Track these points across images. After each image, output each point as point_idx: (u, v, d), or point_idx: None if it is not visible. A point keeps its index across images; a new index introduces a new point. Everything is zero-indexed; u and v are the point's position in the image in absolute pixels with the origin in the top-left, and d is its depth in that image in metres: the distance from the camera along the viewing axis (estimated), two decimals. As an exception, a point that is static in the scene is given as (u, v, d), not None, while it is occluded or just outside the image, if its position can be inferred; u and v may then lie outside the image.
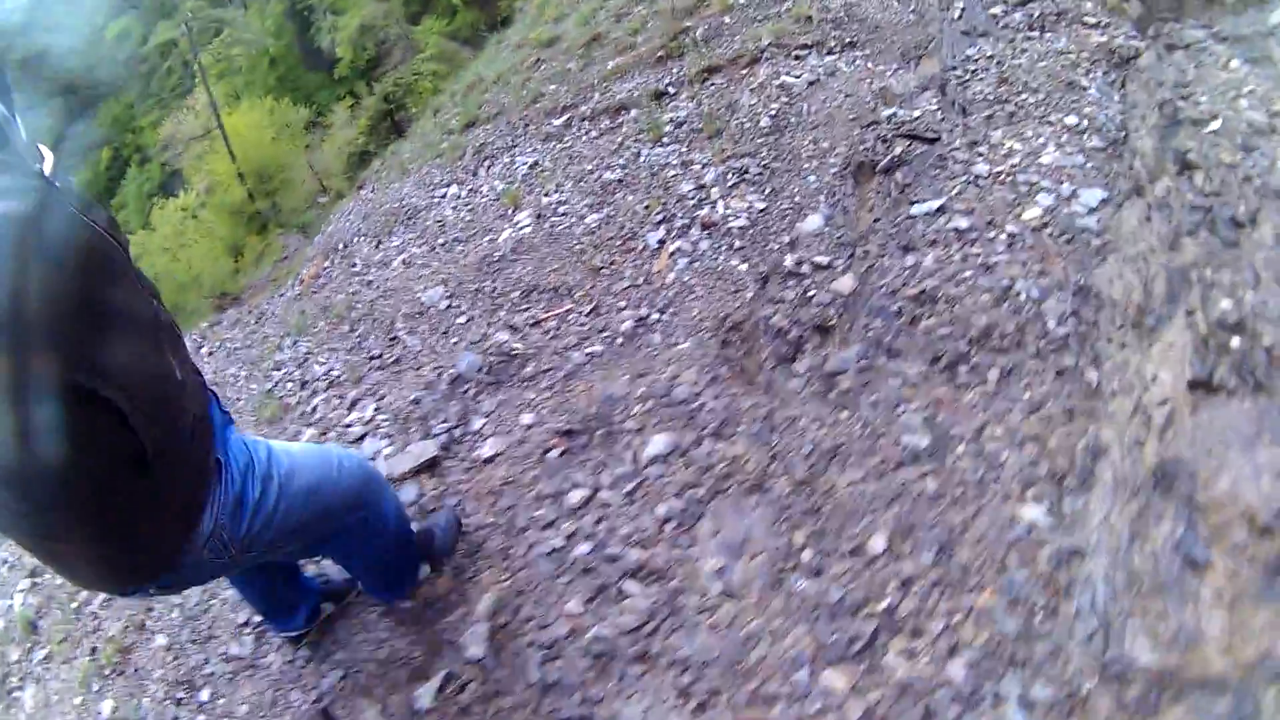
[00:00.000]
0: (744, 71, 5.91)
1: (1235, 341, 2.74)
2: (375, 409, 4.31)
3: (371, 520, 2.66)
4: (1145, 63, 4.96)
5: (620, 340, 4.18)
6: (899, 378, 3.51)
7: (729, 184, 5.00)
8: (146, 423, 1.56)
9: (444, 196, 6.07)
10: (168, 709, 3.36)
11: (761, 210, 4.75)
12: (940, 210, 4.22)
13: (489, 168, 6.13)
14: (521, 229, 5.25)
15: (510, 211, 5.48)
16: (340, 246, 6.14)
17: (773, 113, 5.37)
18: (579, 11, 8.16)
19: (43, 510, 1.57)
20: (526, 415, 3.97)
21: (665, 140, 5.56)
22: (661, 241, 4.75)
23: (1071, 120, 4.61)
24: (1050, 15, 5.42)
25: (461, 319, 4.71)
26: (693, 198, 4.97)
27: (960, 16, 5.66)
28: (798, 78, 5.62)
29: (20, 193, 1.37)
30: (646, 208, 4.97)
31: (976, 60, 5.26)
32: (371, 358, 4.72)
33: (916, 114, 4.98)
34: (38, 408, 1.33)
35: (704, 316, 4.17)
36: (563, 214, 5.27)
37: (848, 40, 5.89)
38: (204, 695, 3.33)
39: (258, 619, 3.37)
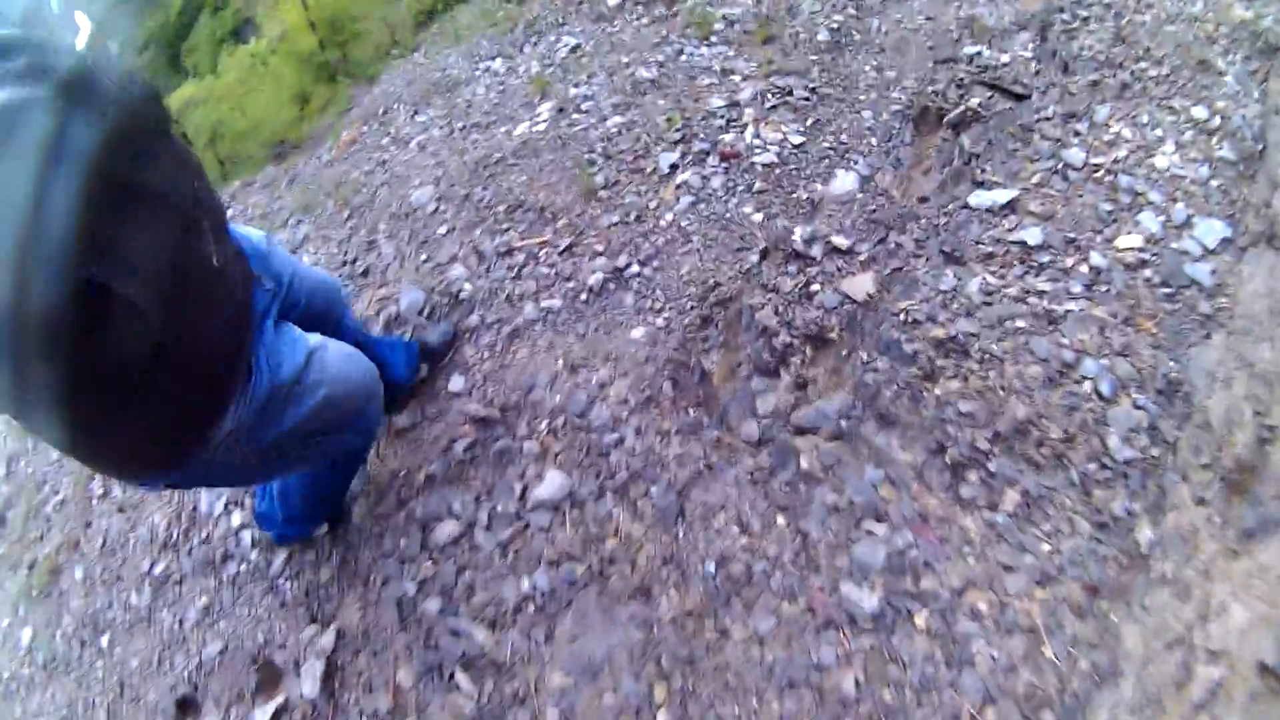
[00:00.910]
0: None
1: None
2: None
3: (362, 444, 2.19)
4: None
5: (584, 297, 2.86)
6: (881, 465, 2.20)
7: (766, 106, 3.48)
8: (167, 320, 1.23)
9: (486, 71, 4.56)
10: (74, 648, 2.75)
11: (797, 146, 3.27)
12: (1009, 207, 2.72)
13: (534, 44, 4.59)
14: (538, 124, 3.80)
15: (536, 100, 4.01)
16: (380, 112, 4.69)
17: (835, 25, 3.74)
18: None
19: (50, 394, 1.18)
20: (457, 379, 2.76)
21: (713, 39, 3.97)
22: (674, 166, 3.31)
23: (1199, 113, 3.00)
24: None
25: (442, 229, 3.38)
26: (721, 116, 3.47)
27: None
28: None
29: (35, 77, 1.06)
30: (669, 120, 3.50)
31: (1091, 4, 3.54)
32: (345, 262, 3.47)
33: (1005, 59, 3.35)
34: (48, 300, 1.04)
35: (691, 279, 2.83)
36: (585, 110, 3.80)
37: None
38: (104, 641, 2.71)
39: (161, 567, 2.78)
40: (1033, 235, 2.56)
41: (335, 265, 3.49)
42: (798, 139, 3.30)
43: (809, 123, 3.37)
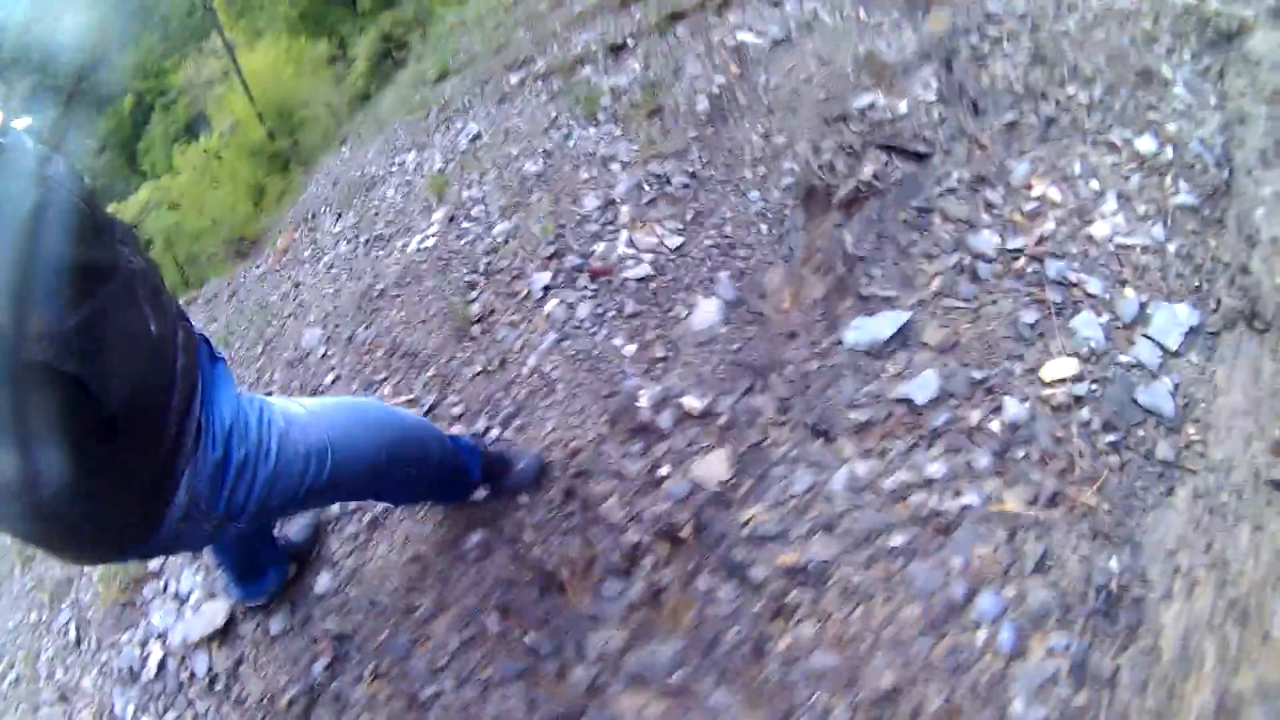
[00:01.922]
0: (713, 19, 3.14)
1: None
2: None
3: (406, 473, 1.54)
4: (1259, 45, 2.16)
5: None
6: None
7: (643, 201, 2.50)
8: (109, 390, 0.95)
9: (399, 167, 3.65)
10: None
11: (675, 250, 2.31)
12: (898, 338, 1.72)
13: (444, 131, 3.65)
14: (428, 238, 2.92)
15: (433, 204, 3.12)
16: (310, 216, 3.85)
17: (716, 90, 2.69)
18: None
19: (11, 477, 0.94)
20: (324, 577, 1.97)
21: (600, 117, 2.97)
22: (546, 289, 2.39)
23: (1145, 145, 1.94)
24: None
25: (329, 378, 2.55)
26: (595, 220, 2.51)
27: None
28: (760, 35, 2.85)
29: None
30: (543, 229, 2.58)
31: (1003, 19, 2.40)
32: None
33: (903, 108, 2.26)
34: None
35: (556, 440, 1.95)
36: (474, 217, 2.88)
37: None
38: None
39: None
40: (924, 386, 1.57)
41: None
42: (675, 240, 2.33)
43: (689, 217, 2.39)
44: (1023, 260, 1.75)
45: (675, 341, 2.04)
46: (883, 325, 1.70)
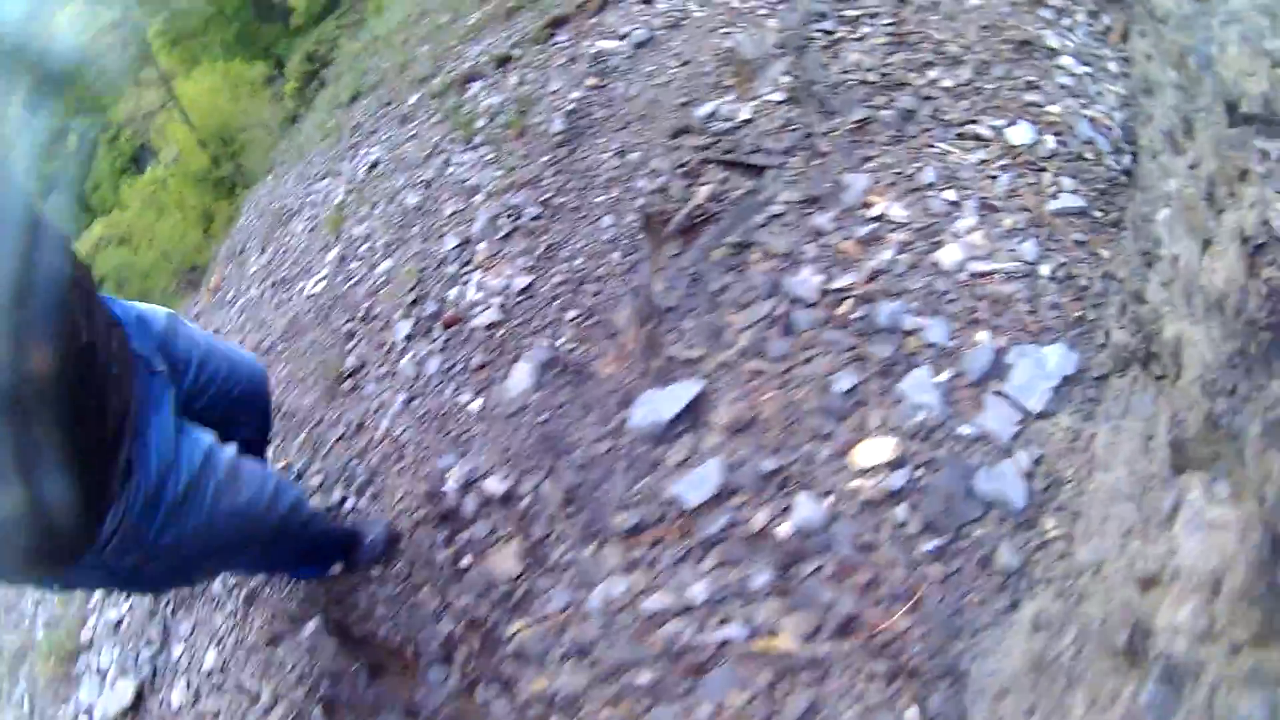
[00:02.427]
0: (590, 22, 2.64)
1: None
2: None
3: (279, 549, 1.36)
4: None
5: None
6: None
7: (498, 236, 2.08)
8: (39, 399, 0.81)
9: (311, 197, 3.24)
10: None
11: (523, 291, 1.93)
12: (683, 421, 1.29)
13: (352, 158, 3.24)
14: (319, 282, 2.58)
15: (331, 241, 2.77)
16: (239, 250, 3.50)
17: (572, 105, 2.22)
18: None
19: None
20: (213, 652, 1.75)
21: (477, 139, 2.54)
22: (409, 338, 2.05)
23: (1020, 135, 1.46)
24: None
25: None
26: (453, 260, 2.12)
27: None
28: (623, 38, 2.34)
29: None
30: (409, 273, 2.22)
31: None
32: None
33: (746, 113, 1.78)
34: None
35: (407, 506, 1.63)
36: (361, 257, 2.51)
37: None
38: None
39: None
40: (702, 482, 1.17)
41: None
42: (524, 280, 1.93)
43: (540, 252, 1.98)
44: (849, 303, 1.31)
45: (489, 411, 1.68)
46: (669, 401, 1.29)
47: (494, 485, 1.45)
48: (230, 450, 1.11)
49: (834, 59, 1.73)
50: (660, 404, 1.30)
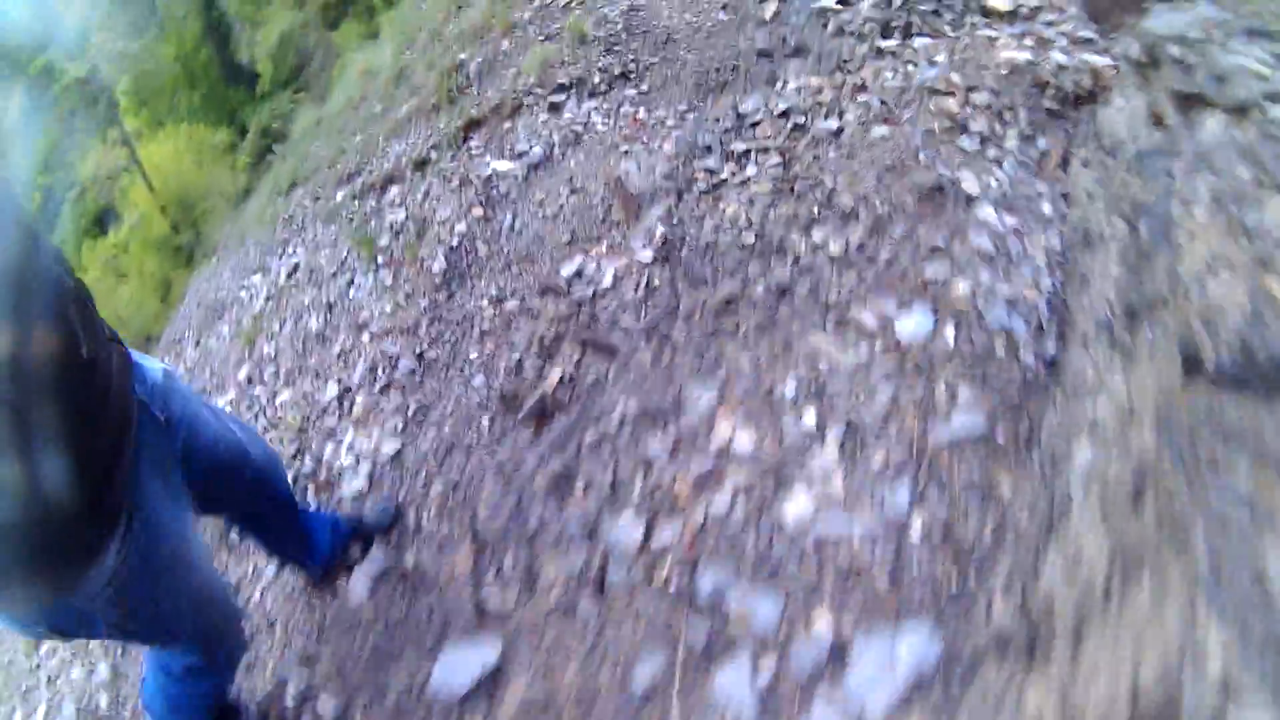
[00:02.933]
0: (506, 125, 2.44)
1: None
2: None
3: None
4: (1115, 116, 1.31)
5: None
6: None
7: (375, 388, 1.90)
8: (41, 415, 0.80)
9: (241, 294, 3.12)
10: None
11: (391, 458, 1.73)
12: (481, 690, 1.07)
13: (279, 256, 3.10)
14: (225, 404, 2.45)
15: (245, 354, 2.65)
16: (177, 339, 3.38)
17: (456, 240, 2.03)
18: (403, 29, 3.88)
19: None
20: None
21: (379, 260, 2.37)
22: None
23: (913, 325, 1.21)
24: (930, 7, 1.62)
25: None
26: (332, 412, 1.95)
27: (773, 17, 1.88)
28: (519, 157, 2.14)
29: None
30: (292, 420, 2.05)
31: (756, 121, 1.62)
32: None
33: (608, 279, 1.54)
34: None
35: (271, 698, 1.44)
36: (265, 381, 2.38)
37: (620, 70, 2.20)
38: None
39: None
40: None
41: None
42: (393, 444, 1.75)
43: (411, 411, 1.79)
44: (669, 564, 1.07)
45: (334, 614, 1.49)
46: (467, 666, 1.07)
47: (324, 707, 1.25)
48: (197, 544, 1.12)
49: (713, 207, 1.49)
50: (460, 667, 1.08)
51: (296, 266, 2.82)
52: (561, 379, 1.44)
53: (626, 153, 1.96)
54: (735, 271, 1.37)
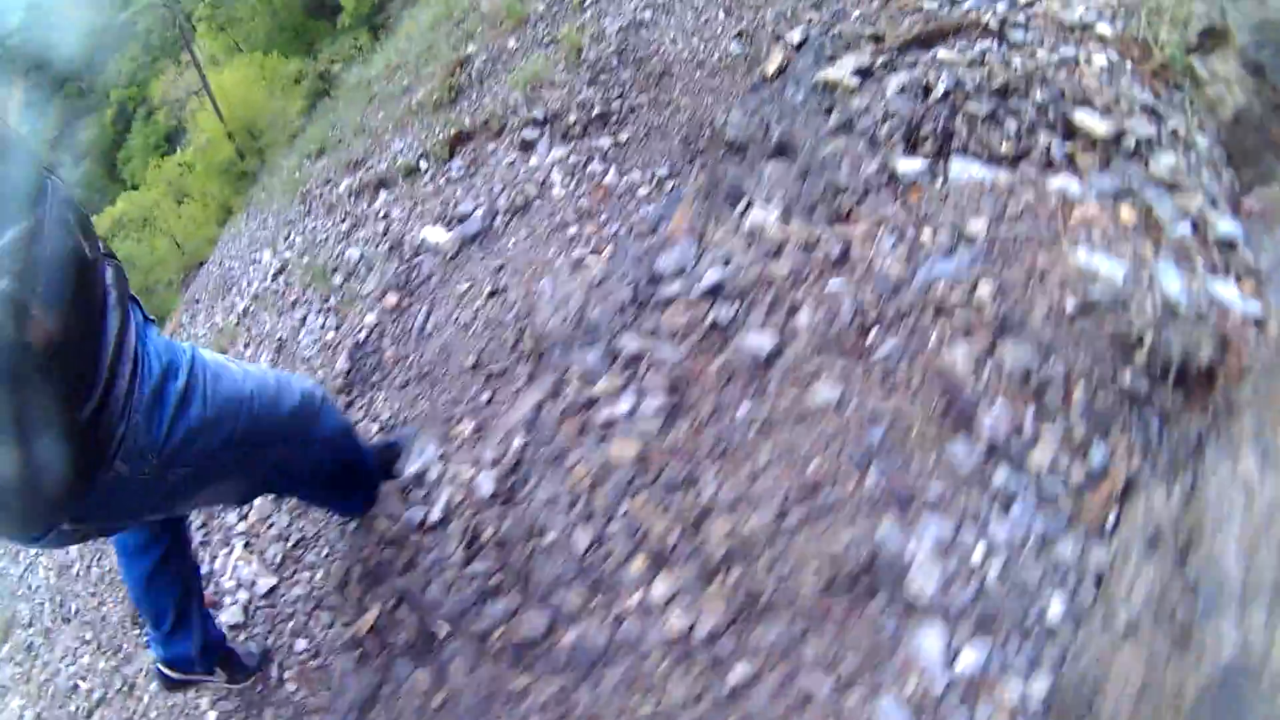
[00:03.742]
0: (491, 144, 1.97)
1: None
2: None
3: (311, 446, 1.31)
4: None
5: None
6: None
7: (268, 499, 1.70)
8: (55, 314, 0.84)
9: (249, 273, 2.89)
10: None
11: (266, 595, 1.57)
12: None
13: (283, 238, 2.82)
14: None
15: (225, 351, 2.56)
16: (195, 300, 3.24)
17: (364, 332, 1.67)
18: (430, 11, 3.39)
19: None
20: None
21: (331, 301, 2.09)
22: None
23: None
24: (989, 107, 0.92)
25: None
26: (236, 511, 1.80)
27: (776, 74, 1.22)
28: (457, 223, 1.69)
29: None
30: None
31: (670, 297, 1.06)
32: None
33: (441, 506, 1.16)
34: None
35: None
36: None
37: (599, 109, 1.66)
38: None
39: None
40: None
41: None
42: (269, 580, 1.58)
43: (290, 545, 1.60)
44: None
45: None
46: None
47: None
48: (212, 353, 1.13)
49: (573, 442, 1.04)
50: None
51: (283, 268, 2.62)
52: (373, 628, 1.17)
53: (573, 236, 1.49)
54: (547, 595, 0.96)
